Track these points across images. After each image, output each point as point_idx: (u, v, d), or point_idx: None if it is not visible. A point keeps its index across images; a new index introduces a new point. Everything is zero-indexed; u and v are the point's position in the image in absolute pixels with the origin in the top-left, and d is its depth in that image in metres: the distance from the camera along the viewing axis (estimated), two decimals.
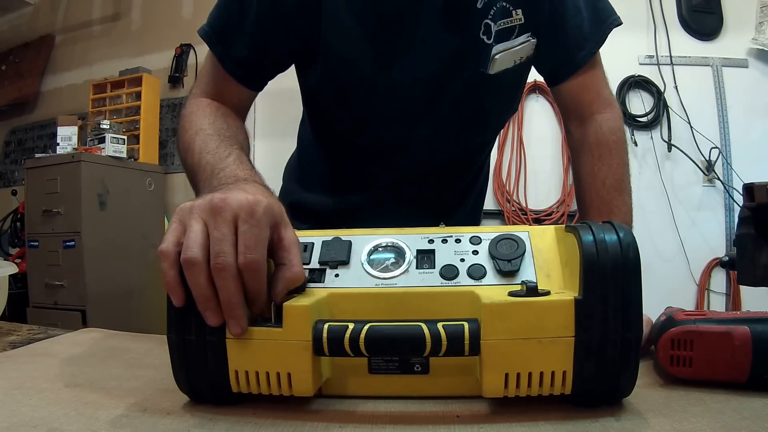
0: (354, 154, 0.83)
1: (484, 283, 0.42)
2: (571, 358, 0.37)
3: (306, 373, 0.38)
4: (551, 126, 2.51)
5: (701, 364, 0.43)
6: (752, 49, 2.40)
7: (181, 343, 0.40)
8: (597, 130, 0.76)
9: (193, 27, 3.27)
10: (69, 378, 0.49)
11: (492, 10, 0.69)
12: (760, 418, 0.37)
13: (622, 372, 0.38)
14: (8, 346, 0.62)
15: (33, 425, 0.37)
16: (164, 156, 3.06)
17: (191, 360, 0.40)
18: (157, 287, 2.72)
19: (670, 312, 0.48)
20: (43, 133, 3.43)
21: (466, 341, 0.36)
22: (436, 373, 0.42)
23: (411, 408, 0.41)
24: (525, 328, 0.37)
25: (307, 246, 0.46)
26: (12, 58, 3.59)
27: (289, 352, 0.38)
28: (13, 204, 2.92)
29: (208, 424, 0.38)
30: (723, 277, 2.36)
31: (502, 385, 0.38)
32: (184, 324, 0.40)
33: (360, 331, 0.36)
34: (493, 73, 0.71)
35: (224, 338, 0.39)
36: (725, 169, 2.37)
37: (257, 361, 0.39)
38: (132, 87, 2.87)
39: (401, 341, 0.36)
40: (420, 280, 0.42)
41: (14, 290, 2.45)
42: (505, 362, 0.37)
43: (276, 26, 0.69)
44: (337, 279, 0.43)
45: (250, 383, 0.39)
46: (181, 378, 0.41)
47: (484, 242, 0.44)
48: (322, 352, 0.37)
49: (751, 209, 0.56)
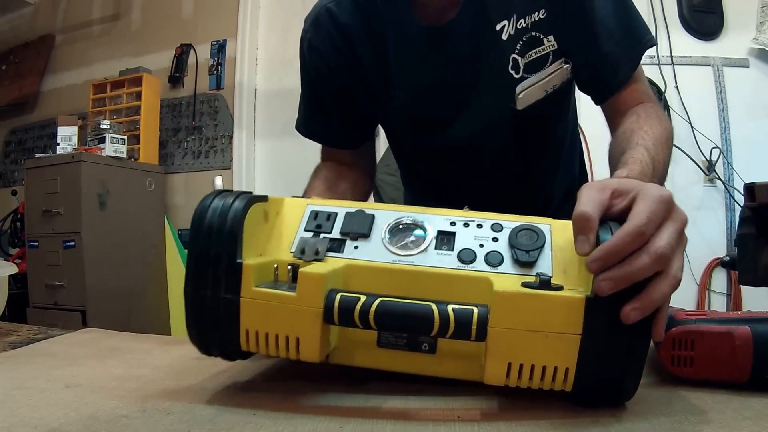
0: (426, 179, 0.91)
1: (499, 270, 0.42)
2: (576, 356, 0.37)
3: (314, 339, 0.39)
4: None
5: (702, 364, 0.43)
6: (753, 49, 2.40)
7: (197, 298, 0.41)
8: (636, 110, 0.70)
9: (193, 27, 3.29)
10: (69, 378, 0.49)
11: (519, 44, 0.68)
12: (761, 418, 0.37)
13: (626, 376, 0.37)
14: (8, 346, 0.62)
15: (33, 425, 0.37)
16: (164, 156, 3.06)
17: (204, 315, 0.41)
18: (157, 287, 2.72)
19: (670, 312, 0.48)
20: (43, 133, 3.43)
21: (473, 326, 0.36)
22: (442, 354, 0.42)
23: (412, 407, 0.41)
24: (533, 321, 0.36)
25: (330, 215, 0.47)
26: (12, 58, 3.60)
27: (300, 317, 0.39)
28: (13, 204, 2.92)
29: (207, 424, 0.38)
30: (724, 277, 2.36)
31: (504, 374, 0.38)
32: (202, 279, 0.41)
33: (371, 304, 0.37)
34: (522, 108, 0.71)
35: (239, 297, 0.40)
36: (726, 169, 2.36)
37: (268, 323, 0.40)
38: (132, 87, 2.87)
39: (410, 319, 0.37)
40: (437, 260, 0.43)
41: (14, 290, 2.45)
42: (509, 352, 0.37)
43: (347, 100, 0.80)
44: (356, 251, 0.44)
45: (260, 344, 0.40)
46: (193, 332, 0.42)
47: (505, 230, 0.44)
48: (332, 321, 0.38)
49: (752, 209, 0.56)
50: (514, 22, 0.68)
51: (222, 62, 3.02)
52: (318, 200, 0.51)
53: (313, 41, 0.78)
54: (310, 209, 0.48)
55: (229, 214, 0.42)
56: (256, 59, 3.04)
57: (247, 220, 0.42)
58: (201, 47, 3.07)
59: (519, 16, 0.69)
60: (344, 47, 0.76)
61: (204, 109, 3.04)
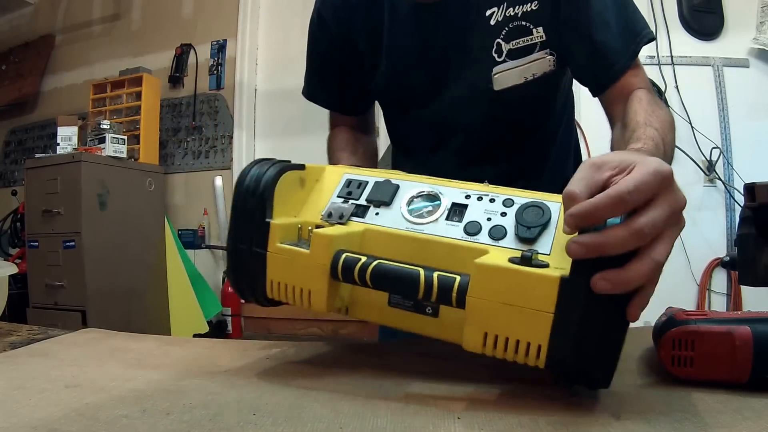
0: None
1: (501, 244, 0.43)
2: (548, 334, 0.37)
3: (323, 292, 0.45)
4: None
5: (702, 364, 0.43)
6: (753, 49, 2.40)
7: (235, 251, 0.49)
8: (639, 95, 0.69)
9: (193, 27, 3.29)
10: (69, 378, 0.49)
11: (504, 30, 0.71)
12: (761, 418, 0.37)
13: (599, 361, 0.38)
14: (8, 346, 0.62)
15: (33, 426, 0.37)
16: (164, 156, 3.06)
17: (240, 265, 0.49)
18: (157, 287, 2.72)
19: (670, 312, 0.48)
20: (43, 133, 3.43)
21: (453, 293, 0.39)
22: (444, 318, 0.46)
23: (412, 407, 0.41)
24: (509, 295, 0.38)
25: (361, 183, 0.52)
26: (12, 58, 3.60)
27: (312, 272, 0.44)
28: (13, 204, 2.92)
29: (208, 424, 0.38)
30: (724, 277, 2.36)
31: (480, 343, 0.40)
32: (239, 234, 0.49)
33: (369, 265, 0.42)
34: (499, 89, 0.73)
35: (266, 251, 0.47)
36: (726, 169, 2.37)
37: (287, 276, 0.46)
38: (132, 87, 2.87)
39: (399, 281, 0.41)
40: (444, 230, 0.46)
41: (14, 290, 2.45)
42: (485, 322, 0.39)
43: (347, 69, 0.85)
44: (376, 217, 0.49)
45: (281, 293, 0.47)
46: (232, 279, 0.51)
47: (516, 205, 0.46)
48: (337, 278, 0.43)
49: (753, 209, 0.56)
50: (503, 10, 0.72)
51: (222, 62, 3.02)
52: (354, 169, 0.55)
53: (321, 11, 0.84)
54: (346, 177, 0.54)
55: (262, 179, 0.48)
56: (256, 59, 3.04)
57: (279, 185, 0.49)
58: (201, 47, 3.08)
59: (509, 5, 0.72)
60: (347, 18, 0.81)
61: (204, 109, 3.05)
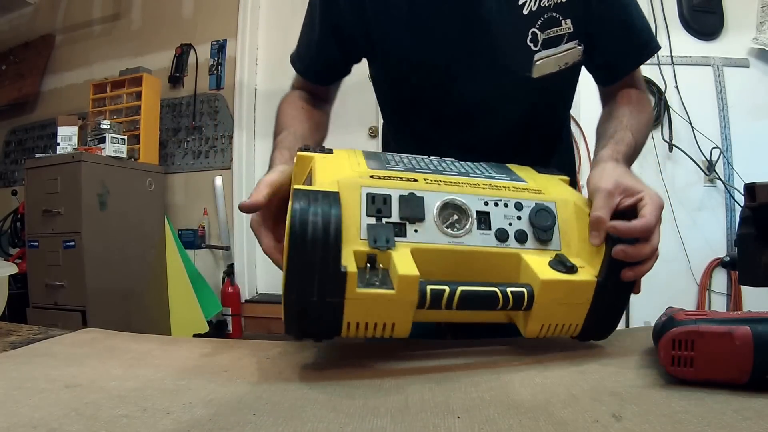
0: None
1: (526, 246, 0.53)
2: (584, 316, 0.53)
3: (408, 322, 0.48)
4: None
5: (702, 364, 0.43)
6: (753, 49, 2.40)
7: (301, 303, 0.46)
8: (630, 94, 0.81)
9: (193, 27, 3.29)
10: (69, 378, 0.49)
11: (540, 20, 0.74)
12: (761, 419, 0.37)
13: (610, 326, 0.56)
14: (8, 346, 0.62)
15: (33, 425, 0.37)
16: (164, 156, 3.06)
17: (307, 316, 0.46)
18: (157, 287, 2.72)
19: (670, 312, 0.48)
20: (43, 133, 3.43)
21: (524, 302, 0.49)
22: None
23: (413, 407, 0.41)
24: (563, 297, 0.51)
25: (385, 199, 0.52)
26: (12, 58, 3.60)
27: (398, 308, 0.47)
28: (13, 204, 2.92)
29: (208, 424, 0.38)
30: (724, 278, 2.36)
31: (538, 332, 0.52)
32: (305, 286, 0.45)
33: (454, 293, 0.47)
34: (537, 77, 0.76)
35: (343, 299, 0.46)
36: (726, 169, 2.37)
37: (369, 315, 0.47)
38: (132, 87, 2.87)
39: (483, 301, 0.48)
40: (481, 240, 0.52)
41: (14, 290, 2.45)
42: (545, 317, 0.51)
43: (331, 39, 0.84)
44: (416, 234, 0.51)
45: (359, 330, 0.48)
46: (293, 329, 0.48)
47: (525, 209, 0.55)
48: (423, 307, 0.47)
49: (753, 209, 0.56)
50: (537, 0, 0.74)
51: (222, 62, 3.02)
52: (369, 181, 0.53)
53: None
54: (365, 192, 0.52)
55: (330, 226, 0.45)
56: (256, 59, 3.04)
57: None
58: (201, 47, 3.08)
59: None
60: None
61: (204, 109, 3.05)
